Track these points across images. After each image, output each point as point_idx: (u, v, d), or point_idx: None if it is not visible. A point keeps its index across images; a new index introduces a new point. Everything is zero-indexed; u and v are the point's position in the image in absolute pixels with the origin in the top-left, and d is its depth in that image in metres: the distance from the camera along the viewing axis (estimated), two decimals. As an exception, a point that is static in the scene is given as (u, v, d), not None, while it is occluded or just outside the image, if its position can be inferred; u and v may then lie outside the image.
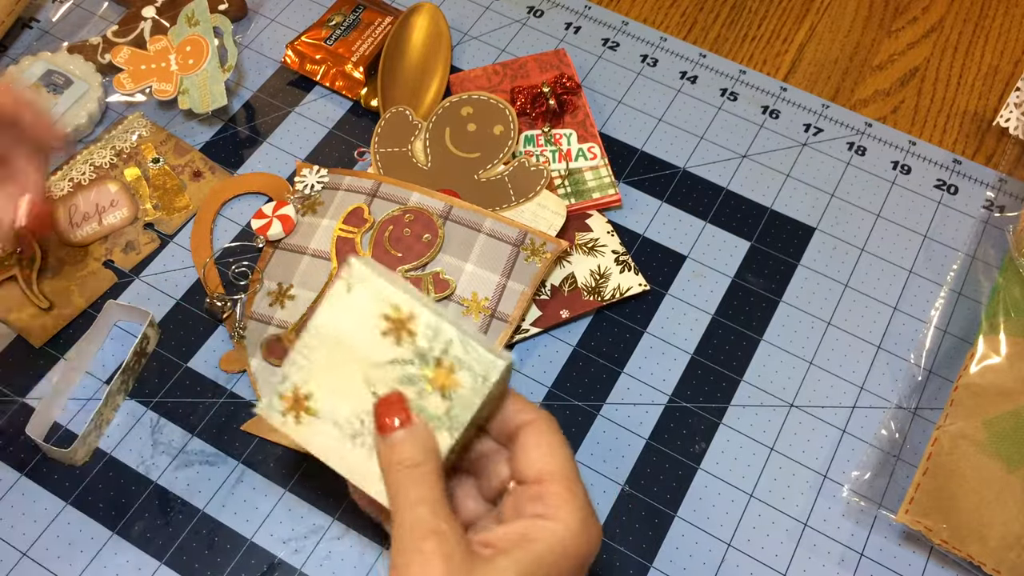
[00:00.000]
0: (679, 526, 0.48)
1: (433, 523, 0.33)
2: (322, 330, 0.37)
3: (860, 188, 0.59)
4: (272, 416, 0.38)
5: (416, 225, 0.52)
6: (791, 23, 0.67)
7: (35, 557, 0.46)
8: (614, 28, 0.66)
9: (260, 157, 0.59)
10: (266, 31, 0.65)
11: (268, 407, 0.38)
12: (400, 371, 0.37)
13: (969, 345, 0.52)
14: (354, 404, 0.37)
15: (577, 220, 0.55)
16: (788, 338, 0.53)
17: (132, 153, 0.58)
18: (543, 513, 0.34)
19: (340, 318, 0.37)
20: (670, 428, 0.50)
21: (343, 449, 0.37)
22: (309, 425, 0.37)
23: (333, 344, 0.37)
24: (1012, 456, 0.47)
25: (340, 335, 0.37)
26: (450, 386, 0.36)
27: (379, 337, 0.37)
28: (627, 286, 0.53)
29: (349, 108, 0.61)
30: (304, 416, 0.37)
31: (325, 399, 0.37)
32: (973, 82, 0.64)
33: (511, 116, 0.57)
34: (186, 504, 0.47)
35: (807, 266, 0.56)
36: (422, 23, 0.63)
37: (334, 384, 0.37)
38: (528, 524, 0.34)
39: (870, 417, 0.51)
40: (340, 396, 0.37)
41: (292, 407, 0.37)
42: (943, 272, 0.56)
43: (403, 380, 0.37)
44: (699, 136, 0.61)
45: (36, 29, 0.65)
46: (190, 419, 0.50)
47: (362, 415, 0.37)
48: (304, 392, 0.37)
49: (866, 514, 0.48)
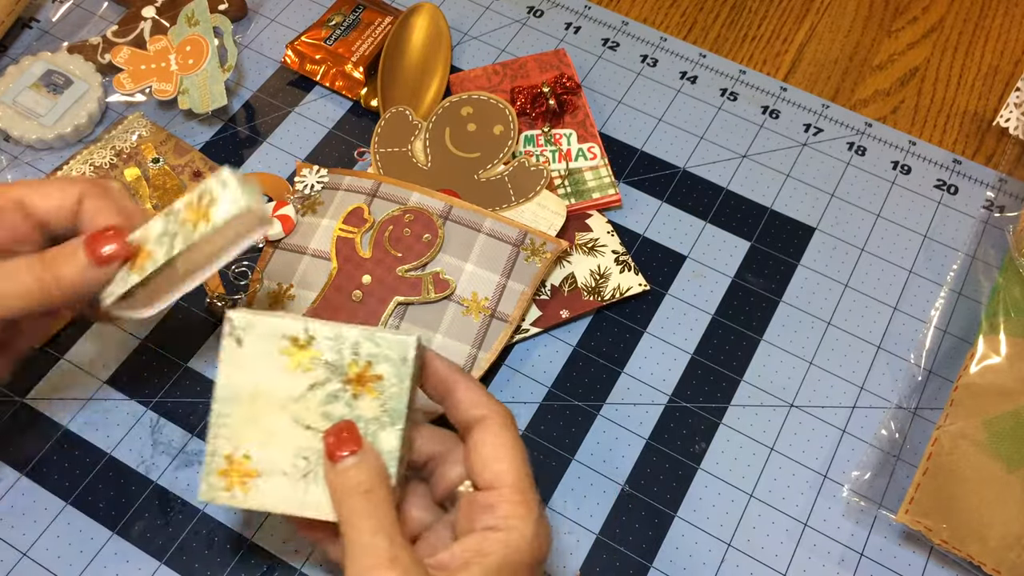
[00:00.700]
0: (679, 526, 0.48)
1: (390, 551, 0.33)
2: (231, 392, 0.37)
3: (860, 188, 0.59)
4: (218, 496, 0.37)
5: (416, 225, 0.52)
6: (791, 23, 0.67)
7: (35, 557, 0.46)
8: (614, 28, 0.66)
9: (260, 157, 0.59)
10: (266, 31, 0.65)
11: (210, 490, 0.37)
12: (322, 393, 0.37)
13: (969, 345, 0.52)
14: (292, 446, 0.37)
15: (577, 220, 0.55)
16: (788, 338, 0.53)
17: (132, 153, 0.58)
18: (495, 525, 0.34)
19: (243, 372, 0.37)
20: (670, 428, 0.50)
21: (298, 494, 0.37)
22: (257, 488, 0.37)
23: (247, 400, 0.37)
24: (1012, 456, 0.47)
25: (252, 388, 0.37)
26: (374, 382, 0.36)
27: (289, 372, 0.37)
28: (627, 286, 0.53)
29: (349, 108, 0.61)
30: (250, 481, 0.37)
31: (263, 455, 0.37)
32: (973, 82, 0.64)
33: (511, 116, 0.57)
34: (186, 504, 0.47)
35: (807, 266, 0.56)
36: (422, 23, 0.63)
37: (265, 436, 0.37)
38: (481, 538, 0.34)
39: (870, 417, 0.51)
40: (276, 445, 0.37)
41: (233, 479, 0.37)
42: (943, 272, 0.56)
43: (328, 400, 0.37)
44: (699, 136, 0.61)
45: (36, 29, 0.65)
46: (190, 419, 0.50)
47: (304, 453, 0.37)
48: (239, 456, 0.37)
49: (866, 514, 0.48)
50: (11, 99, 0.59)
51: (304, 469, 0.37)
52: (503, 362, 0.52)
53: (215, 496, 0.37)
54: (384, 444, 0.36)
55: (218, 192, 0.37)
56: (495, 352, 0.50)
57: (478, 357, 0.50)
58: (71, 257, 0.37)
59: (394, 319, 0.50)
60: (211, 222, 0.37)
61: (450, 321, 0.50)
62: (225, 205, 0.37)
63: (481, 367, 0.50)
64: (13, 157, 0.59)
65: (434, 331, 0.50)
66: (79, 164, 0.57)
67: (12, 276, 0.37)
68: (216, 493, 0.37)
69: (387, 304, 0.50)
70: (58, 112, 0.58)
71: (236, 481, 0.37)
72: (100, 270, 0.38)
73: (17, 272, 0.37)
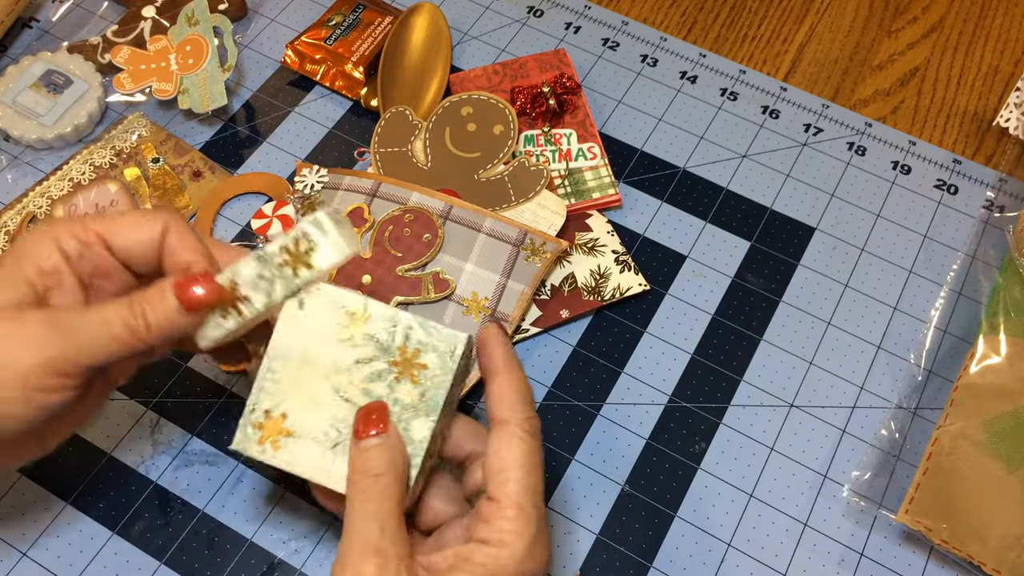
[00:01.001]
0: (679, 526, 0.48)
1: (378, 542, 0.33)
2: (283, 351, 0.38)
3: (860, 188, 0.59)
4: (250, 448, 0.38)
5: (416, 225, 0.52)
6: (791, 23, 0.67)
7: (35, 557, 0.46)
8: (614, 28, 0.66)
9: (260, 157, 0.59)
10: (266, 31, 0.65)
11: (244, 440, 0.38)
12: (367, 370, 0.37)
13: (969, 345, 0.52)
14: (329, 415, 0.37)
15: (577, 220, 0.55)
16: (788, 338, 0.53)
17: (132, 153, 0.58)
18: (487, 538, 0.34)
19: (298, 335, 0.38)
20: (670, 428, 0.50)
21: (325, 463, 0.37)
22: (288, 448, 0.37)
23: (297, 362, 0.38)
24: (1012, 456, 0.47)
25: (302, 351, 0.38)
26: (418, 370, 0.37)
27: (340, 343, 0.38)
28: (627, 286, 0.53)
29: (349, 108, 0.61)
30: (282, 439, 0.37)
31: (300, 417, 0.37)
32: (973, 82, 0.64)
33: (511, 116, 0.57)
34: (186, 504, 0.47)
35: (807, 266, 0.56)
36: (422, 23, 0.63)
37: (306, 401, 0.38)
38: (473, 549, 0.34)
39: (870, 417, 0.51)
40: (314, 411, 0.37)
41: (268, 434, 0.38)
42: (943, 272, 0.56)
43: (371, 378, 0.37)
44: (699, 136, 0.61)
45: (36, 29, 0.65)
46: (190, 419, 0.50)
47: (338, 424, 0.37)
48: (277, 414, 0.38)
49: (866, 514, 0.48)
50: (11, 99, 0.59)
51: (335, 439, 0.37)
52: (503, 362, 0.52)
53: (247, 447, 0.38)
54: (415, 433, 0.36)
55: (317, 238, 0.37)
56: (495, 352, 0.50)
57: (478, 357, 0.50)
58: (160, 302, 0.36)
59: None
60: (314, 268, 0.37)
61: (450, 321, 0.50)
62: (328, 252, 0.37)
63: (481, 367, 0.50)
64: (13, 157, 0.59)
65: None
66: (79, 164, 0.57)
67: (102, 323, 0.36)
68: (249, 444, 0.38)
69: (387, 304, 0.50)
70: (58, 112, 0.58)
71: (269, 437, 0.38)
72: (190, 316, 0.37)
73: (106, 318, 0.36)
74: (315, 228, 0.37)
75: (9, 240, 0.54)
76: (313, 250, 0.37)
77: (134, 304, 0.36)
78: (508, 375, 0.37)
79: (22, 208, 0.55)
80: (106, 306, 0.36)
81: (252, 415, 0.38)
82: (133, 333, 0.36)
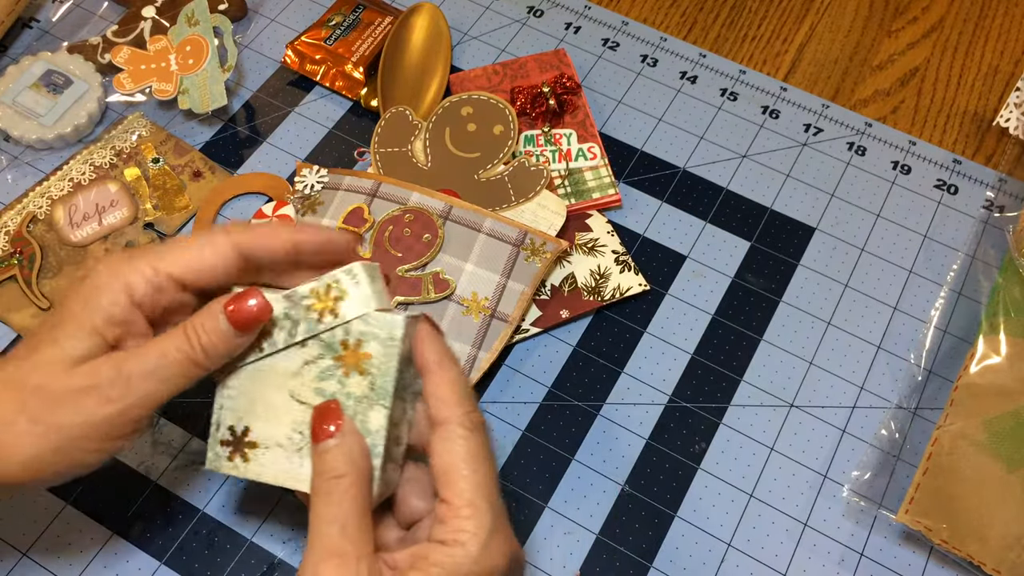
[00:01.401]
0: (679, 526, 0.48)
1: (338, 544, 0.33)
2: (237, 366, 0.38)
3: (860, 188, 0.59)
4: (222, 466, 0.39)
5: (416, 225, 0.52)
6: (791, 23, 0.67)
7: (35, 557, 0.46)
8: (614, 28, 0.66)
9: (260, 157, 0.59)
10: (266, 31, 0.65)
11: (215, 460, 0.39)
12: (316, 369, 0.37)
13: (969, 345, 0.52)
14: (289, 421, 0.38)
15: (577, 220, 0.55)
16: (788, 338, 0.53)
17: (132, 153, 0.58)
18: (443, 538, 0.34)
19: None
20: (670, 428, 0.50)
21: (294, 467, 0.38)
22: (258, 459, 0.38)
23: (251, 375, 0.38)
24: (1012, 456, 0.47)
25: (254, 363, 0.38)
26: (364, 360, 0.37)
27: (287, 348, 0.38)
28: (627, 286, 0.53)
29: (349, 108, 0.61)
30: (250, 452, 0.38)
31: (263, 428, 0.38)
32: (973, 82, 0.64)
33: (511, 116, 0.57)
34: (186, 504, 0.47)
35: (807, 266, 0.56)
36: (422, 23, 0.63)
37: (265, 411, 0.38)
38: (430, 549, 0.34)
39: (870, 417, 0.51)
40: (274, 419, 0.38)
41: (236, 449, 0.38)
42: (943, 272, 0.56)
43: (322, 376, 0.37)
44: (699, 136, 0.61)
45: (36, 29, 0.65)
46: (190, 419, 0.50)
47: (300, 428, 0.37)
48: (240, 429, 0.38)
49: (866, 514, 0.48)
50: (11, 99, 0.59)
51: (299, 443, 0.38)
52: (503, 362, 0.52)
53: (219, 466, 0.39)
54: (372, 423, 0.36)
55: (349, 287, 0.37)
56: (495, 352, 0.50)
57: (478, 357, 0.50)
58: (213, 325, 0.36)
59: (394, 319, 0.50)
60: (339, 317, 0.37)
61: (450, 321, 0.50)
62: (356, 304, 0.37)
63: (481, 367, 0.50)
64: (13, 157, 0.59)
65: (434, 331, 0.50)
66: (79, 164, 0.57)
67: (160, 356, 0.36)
68: (220, 463, 0.39)
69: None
70: (58, 112, 0.58)
71: (238, 452, 0.38)
72: (243, 337, 0.37)
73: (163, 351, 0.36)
74: (348, 277, 0.37)
75: (9, 240, 0.54)
76: (342, 299, 0.37)
77: (188, 332, 0.36)
78: (441, 372, 0.36)
79: (22, 208, 0.55)
80: (163, 340, 0.36)
81: (218, 434, 0.39)
82: (190, 360, 0.36)
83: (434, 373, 0.36)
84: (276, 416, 0.38)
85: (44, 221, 0.55)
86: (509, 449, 0.49)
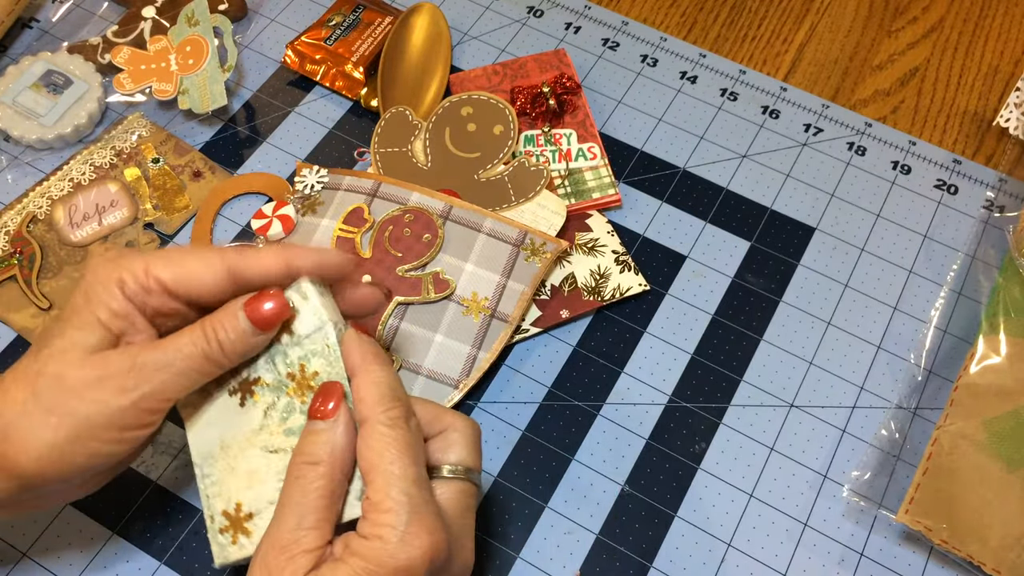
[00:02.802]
0: (679, 526, 0.48)
1: (291, 537, 0.34)
2: (204, 451, 0.39)
3: (860, 188, 0.59)
4: (230, 554, 0.38)
5: (416, 225, 0.52)
6: (791, 23, 0.67)
7: (35, 557, 0.46)
8: (614, 28, 0.66)
9: (260, 157, 0.59)
10: (266, 31, 0.65)
11: (221, 551, 0.38)
12: (276, 414, 0.38)
13: (969, 345, 0.52)
14: (273, 475, 0.37)
15: (577, 220, 0.55)
16: (788, 338, 0.53)
17: (132, 153, 0.58)
18: (365, 532, 0.34)
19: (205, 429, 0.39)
20: (670, 428, 0.50)
21: None
22: (256, 526, 0.37)
23: (220, 452, 0.38)
24: (1012, 456, 0.47)
25: (219, 439, 0.38)
26: (312, 379, 0.37)
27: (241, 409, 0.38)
28: (627, 286, 0.53)
29: (349, 108, 0.61)
30: (248, 524, 0.37)
31: (252, 495, 0.37)
32: (973, 82, 0.64)
33: (511, 116, 0.57)
34: (186, 504, 0.47)
35: (807, 266, 0.56)
36: (422, 23, 0.63)
37: (248, 479, 0.38)
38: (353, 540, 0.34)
39: (870, 417, 0.51)
40: (259, 482, 0.37)
41: (237, 530, 0.37)
42: (943, 272, 0.56)
43: (283, 418, 0.37)
44: (699, 136, 0.61)
45: (36, 29, 0.65)
46: (190, 419, 0.50)
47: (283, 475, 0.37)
48: (233, 509, 0.38)
49: (866, 514, 0.48)
50: (11, 99, 0.59)
51: None
52: (503, 362, 0.52)
53: (227, 555, 0.38)
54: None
55: (298, 304, 0.37)
56: (495, 352, 0.50)
57: (478, 357, 0.50)
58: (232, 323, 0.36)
59: (394, 319, 0.50)
60: (294, 335, 0.37)
61: (450, 321, 0.50)
62: (307, 318, 0.37)
63: (481, 367, 0.50)
64: (13, 157, 0.59)
65: (434, 331, 0.50)
66: (79, 164, 0.57)
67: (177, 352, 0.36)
68: (227, 552, 0.38)
69: (387, 304, 0.50)
70: (58, 112, 0.58)
71: (239, 531, 0.37)
72: (262, 335, 0.37)
73: (180, 347, 0.36)
74: (298, 296, 0.37)
75: (9, 240, 0.54)
76: (294, 317, 0.37)
77: (206, 329, 0.36)
78: (364, 375, 0.37)
79: (22, 208, 0.55)
80: (179, 336, 0.37)
81: (214, 525, 0.38)
82: (208, 358, 0.36)
83: (357, 376, 0.37)
84: (260, 478, 0.37)
85: (44, 221, 0.55)
86: (509, 449, 0.49)
